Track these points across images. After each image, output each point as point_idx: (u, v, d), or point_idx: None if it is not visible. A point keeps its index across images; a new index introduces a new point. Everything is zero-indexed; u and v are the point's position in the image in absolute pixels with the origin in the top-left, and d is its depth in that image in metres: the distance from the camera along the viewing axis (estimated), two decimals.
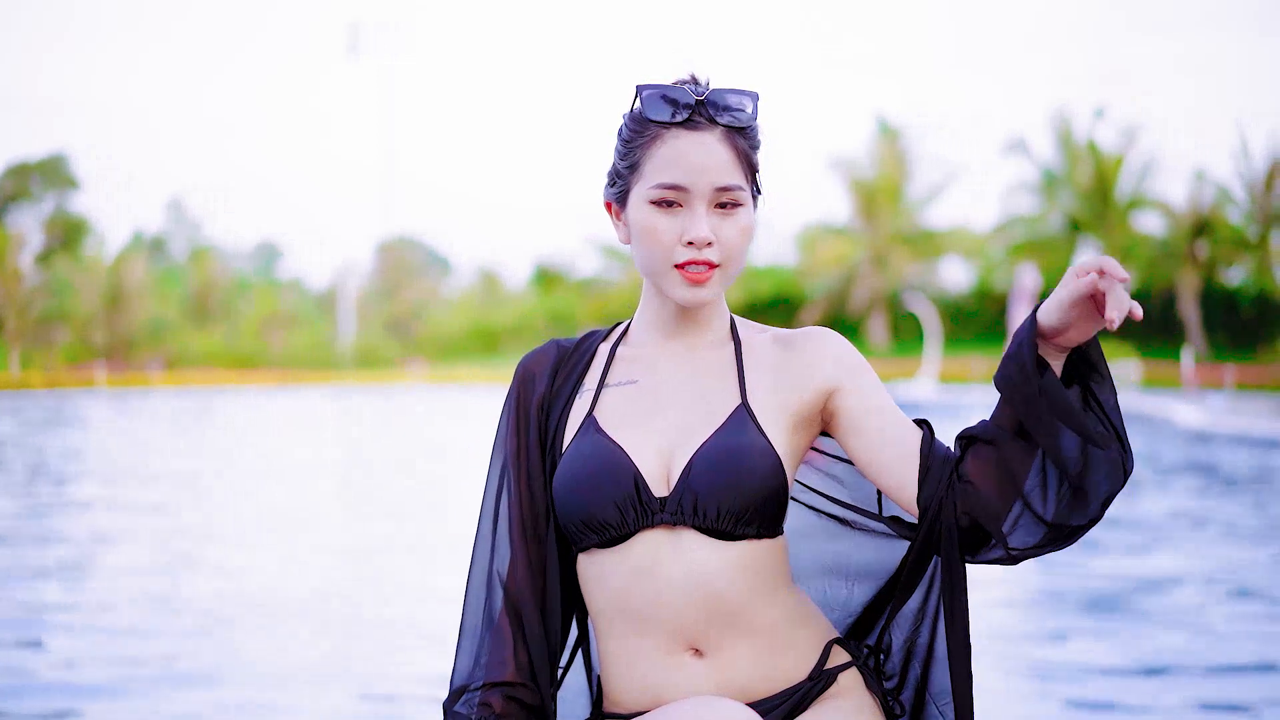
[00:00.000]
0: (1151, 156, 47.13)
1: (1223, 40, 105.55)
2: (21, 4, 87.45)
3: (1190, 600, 7.14)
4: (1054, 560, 7.56)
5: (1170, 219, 46.19)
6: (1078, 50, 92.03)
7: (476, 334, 57.18)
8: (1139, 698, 5.03)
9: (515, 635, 2.18)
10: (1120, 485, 1.99)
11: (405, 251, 67.61)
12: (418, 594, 7.37)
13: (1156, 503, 11.41)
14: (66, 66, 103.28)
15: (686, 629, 2.12)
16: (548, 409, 2.23)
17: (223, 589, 7.33)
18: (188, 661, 5.63)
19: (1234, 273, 46.57)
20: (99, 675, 5.32)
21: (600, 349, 2.29)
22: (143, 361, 43.90)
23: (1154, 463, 15.47)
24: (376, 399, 33.78)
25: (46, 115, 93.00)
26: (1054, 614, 6.88)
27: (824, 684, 2.16)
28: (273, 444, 19.00)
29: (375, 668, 5.62)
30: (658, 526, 2.11)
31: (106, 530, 9.81)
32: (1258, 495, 12.12)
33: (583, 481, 2.12)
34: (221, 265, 55.91)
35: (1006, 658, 5.59)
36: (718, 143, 2.11)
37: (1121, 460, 1.98)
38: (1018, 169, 55.29)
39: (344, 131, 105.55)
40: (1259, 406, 25.53)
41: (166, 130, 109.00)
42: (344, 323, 51.63)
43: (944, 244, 51.02)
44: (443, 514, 10.87)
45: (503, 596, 2.20)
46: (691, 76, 2.17)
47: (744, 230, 2.13)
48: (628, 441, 2.14)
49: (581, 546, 2.17)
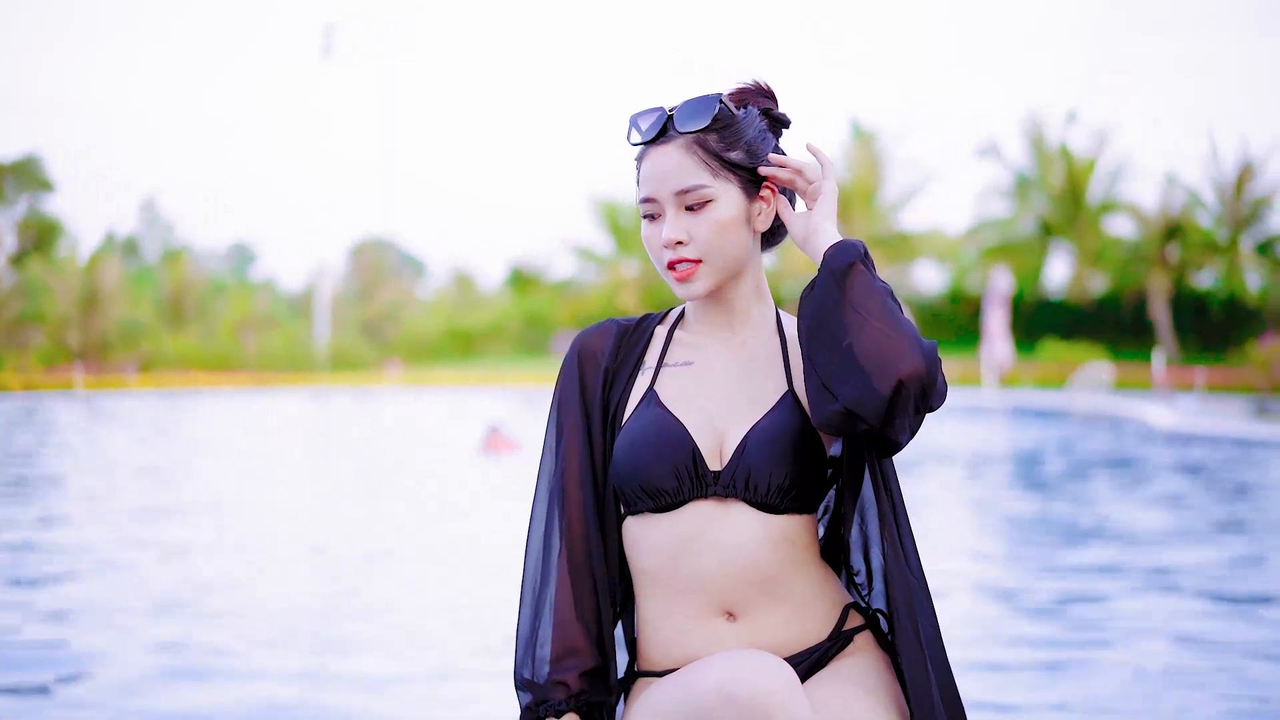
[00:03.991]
0: (1123, 160, 47.44)
1: (1223, 40, 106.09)
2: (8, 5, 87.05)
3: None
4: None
5: (1141, 222, 46.47)
6: (1078, 50, 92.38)
7: (451, 336, 57.14)
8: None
9: (579, 598, 2.38)
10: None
11: (379, 253, 67.54)
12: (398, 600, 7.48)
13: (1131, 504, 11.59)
14: (38, 67, 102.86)
15: (724, 593, 2.33)
16: (611, 381, 2.44)
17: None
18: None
19: (1204, 276, 46.90)
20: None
21: (657, 331, 2.50)
22: (118, 363, 43.79)
23: (1129, 462, 15.69)
24: (354, 401, 33.77)
25: (25, 115, 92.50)
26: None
27: (842, 644, 2.39)
28: (268, 445, 19.07)
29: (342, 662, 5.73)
30: (709, 498, 2.33)
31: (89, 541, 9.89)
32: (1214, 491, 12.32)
33: (644, 449, 2.34)
34: (195, 267, 55.73)
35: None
36: (678, 150, 2.34)
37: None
38: (990, 173, 55.61)
39: (319, 134, 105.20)
40: (1229, 408, 25.79)
41: (139, 131, 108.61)
42: (319, 325, 51.55)
43: (918, 247, 51.21)
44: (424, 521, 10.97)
45: (564, 553, 2.40)
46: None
47: (715, 223, 2.34)
48: (685, 417, 2.37)
49: (634, 510, 2.39)
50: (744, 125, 2.37)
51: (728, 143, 2.35)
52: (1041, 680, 5.37)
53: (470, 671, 5.52)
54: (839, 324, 2.21)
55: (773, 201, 2.40)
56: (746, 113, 2.39)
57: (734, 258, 2.38)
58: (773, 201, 2.40)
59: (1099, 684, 5.26)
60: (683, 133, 2.35)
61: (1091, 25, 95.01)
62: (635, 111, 2.40)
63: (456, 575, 7.95)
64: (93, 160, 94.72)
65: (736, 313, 2.45)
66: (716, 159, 2.34)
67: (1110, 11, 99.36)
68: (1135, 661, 5.64)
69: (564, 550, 2.40)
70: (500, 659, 5.59)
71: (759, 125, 2.39)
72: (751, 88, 2.45)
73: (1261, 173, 45.15)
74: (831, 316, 2.23)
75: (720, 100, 2.36)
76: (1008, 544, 9.34)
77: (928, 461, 15.15)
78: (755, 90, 2.45)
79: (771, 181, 2.39)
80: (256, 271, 78.40)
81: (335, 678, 5.37)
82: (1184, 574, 7.82)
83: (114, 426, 23.01)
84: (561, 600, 2.39)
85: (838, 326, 2.21)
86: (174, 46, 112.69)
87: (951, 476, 13.96)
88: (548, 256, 62.57)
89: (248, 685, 5.23)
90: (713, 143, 2.34)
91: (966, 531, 10.05)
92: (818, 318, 2.25)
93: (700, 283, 2.36)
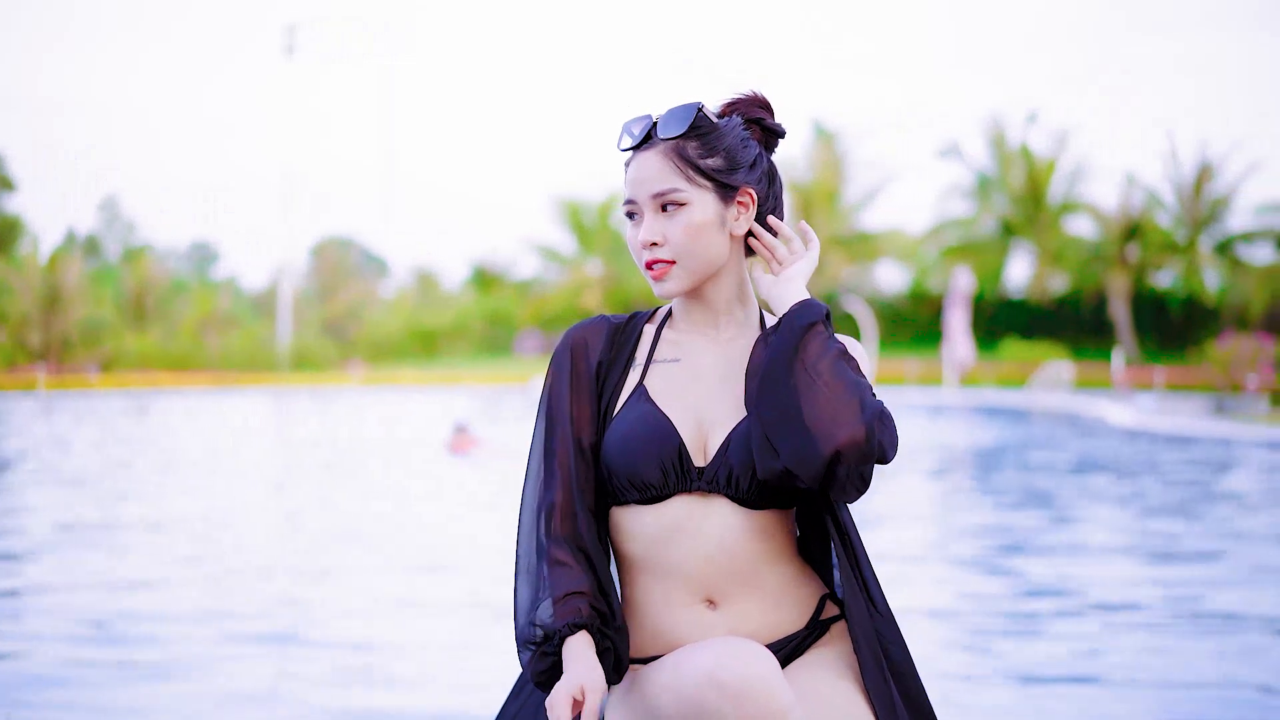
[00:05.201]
0: (1082, 161, 47.77)
1: (1223, 40, 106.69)
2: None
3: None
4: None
5: (1101, 223, 46.83)
6: (1078, 50, 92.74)
7: (414, 336, 57.05)
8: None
9: (578, 560, 2.45)
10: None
11: (340, 252, 67.40)
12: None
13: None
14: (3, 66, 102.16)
15: (705, 581, 2.44)
16: (604, 374, 2.55)
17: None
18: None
19: (1163, 275, 47.31)
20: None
21: (646, 329, 2.61)
22: (80, 363, 43.58)
23: (1087, 459, 15.87)
24: (319, 401, 33.72)
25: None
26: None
27: (818, 633, 2.52)
28: (249, 447, 19.06)
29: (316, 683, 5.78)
30: (694, 492, 2.45)
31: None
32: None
33: (633, 443, 2.45)
34: (157, 266, 55.43)
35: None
36: (657, 156, 2.48)
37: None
38: (952, 173, 55.82)
39: (278, 133, 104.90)
40: (1188, 406, 26.04)
41: (98, 129, 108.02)
42: (281, 324, 51.42)
43: (879, 247, 51.45)
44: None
45: (557, 532, 2.47)
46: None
47: (689, 226, 2.46)
48: (673, 413, 2.48)
49: (621, 500, 2.50)
50: (723, 133, 2.48)
51: (706, 150, 2.46)
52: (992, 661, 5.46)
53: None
54: (789, 383, 2.33)
55: (750, 208, 2.51)
56: (728, 121, 2.51)
57: (708, 260, 2.48)
58: (750, 208, 2.51)
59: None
60: (663, 139, 2.47)
61: (1091, 25, 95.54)
62: (628, 119, 2.53)
63: (457, 573, 7.99)
64: (55, 157, 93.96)
65: (719, 313, 2.55)
66: (692, 165, 2.45)
67: (1110, 11, 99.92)
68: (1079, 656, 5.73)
69: (557, 523, 2.48)
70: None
71: (740, 134, 2.50)
72: (746, 98, 2.56)
73: (1220, 173, 45.58)
74: (784, 372, 2.34)
75: (699, 109, 2.47)
76: (961, 545, 9.46)
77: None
78: (750, 101, 2.56)
79: (754, 242, 2.51)
80: (218, 270, 78.19)
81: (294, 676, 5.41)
82: (1135, 575, 7.95)
83: (72, 427, 22.93)
84: (558, 560, 2.45)
85: (787, 384, 2.33)
86: (126, 47, 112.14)
87: (914, 476, 14.09)
88: (511, 256, 62.68)
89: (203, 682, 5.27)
90: (691, 149, 2.46)
91: (923, 536, 10.17)
92: (770, 372, 2.36)
93: (673, 282, 2.48)
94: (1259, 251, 44.74)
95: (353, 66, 72.14)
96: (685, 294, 2.54)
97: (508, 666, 4.67)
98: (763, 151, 2.55)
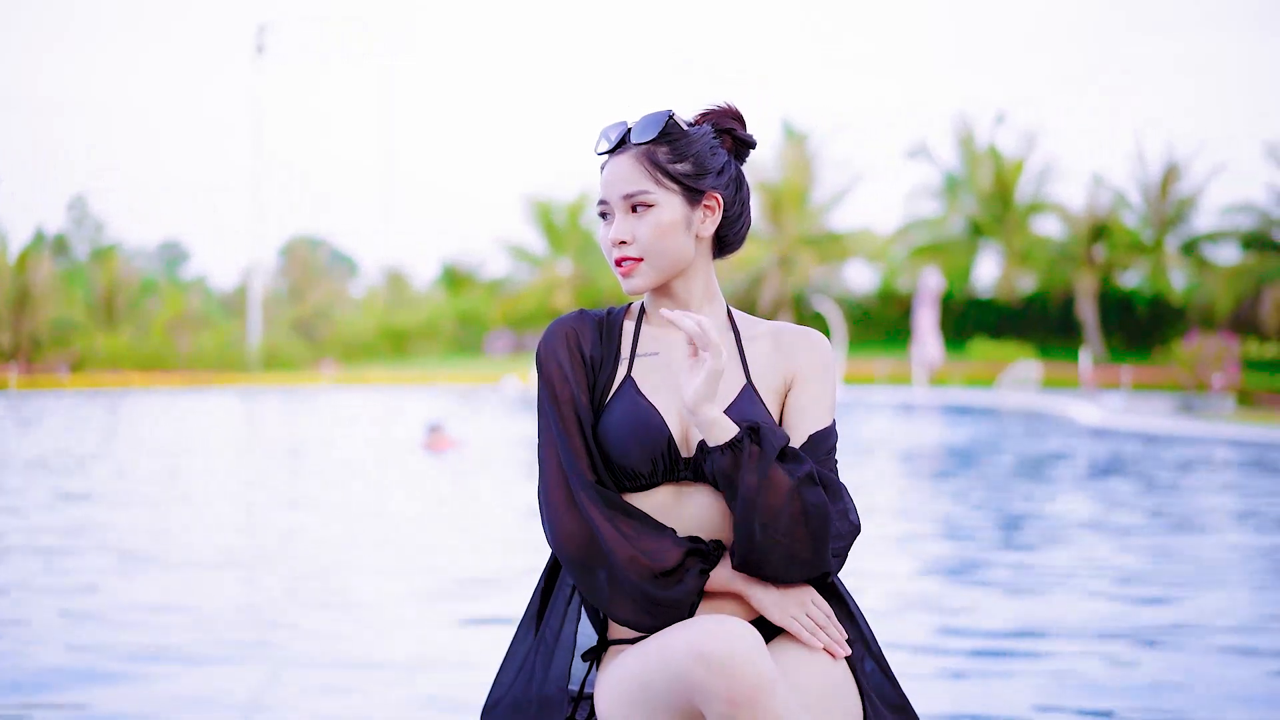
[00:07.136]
0: (1050, 161, 48.03)
1: (1223, 40, 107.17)
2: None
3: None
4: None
5: (1069, 222, 47.07)
6: (1078, 50, 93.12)
7: (385, 335, 57.02)
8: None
9: (627, 519, 2.58)
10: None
11: (310, 252, 67.23)
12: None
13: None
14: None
15: None
16: (598, 366, 2.69)
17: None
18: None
19: (1130, 275, 47.62)
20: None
21: (626, 324, 2.76)
22: (50, 363, 43.47)
23: (1054, 457, 16.04)
24: (291, 401, 33.69)
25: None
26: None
27: None
28: (231, 446, 19.07)
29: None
30: (679, 482, 2.61)
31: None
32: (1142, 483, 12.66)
33: (625, 435, 2.60)
34: (126, 265, 55.22)
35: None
36: (629, 160, 2.65)
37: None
38: (920, 173, 56.00)
39: (248, 132, 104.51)
40: (1154, 405, 26.26)
41: (67, 127, 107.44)
42: (252, 324, 51.31)
43: (849, 247, 51.58)
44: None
45: (596, 502, 2.58)
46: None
47: (655, 226, 2.63)
48: (661, 406, 2.63)
49: (607, 486, 2.63)
50: (693, 140, 2.65)
51: (675, 155, 2.63)
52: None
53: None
54: (748, 528, 2.48)
55: (716, 212, 2.67)
56: (699, 129, 2.67)
57: (674, 259, 2.65)
58: (716, 212, 2.67)
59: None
60: (636, 144, 2.64)
61: (1091, 25, 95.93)
62: (605, 125, 2.70)
63: (442, 574, 8.07)
64: (21, 156, 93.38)
65: (689, 309, 2.69)
66: (661, 169, 2.62)
67: (1110, 11, 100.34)
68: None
69: (596, 499, 2.58)
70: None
71: (710, 142, 2.66)
72: (719, 110, 2.73)
73: (1186, 174, 45.90)
74: (747, 536, 2.49)
75: (670, 116, 2.64)
76: (929, 537, 9.61)
77: (860, 456, 15.44)
78: (723, 113, 2.73)
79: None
80: (188, 270, 77.91)
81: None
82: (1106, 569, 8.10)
83: (41, 428, 22.90)
84: (616, 533, 2.55)
85: (748, 530, 2.48)
86: (96, 43, 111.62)
87: (883, 471, 14.25)
88: (481, 255, 62.65)
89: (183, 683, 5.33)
90: (661, 154, 2.63)
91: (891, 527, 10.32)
92: (740, 532, 2.50)
93: (640, 279, 2.64)
94: (1225, 252, 45.04)
95: (323, 67, 72.06)
96: (654, 291, 2.70)
97: (492, 664, 4.77)
98: (731, 159, 2.71)
